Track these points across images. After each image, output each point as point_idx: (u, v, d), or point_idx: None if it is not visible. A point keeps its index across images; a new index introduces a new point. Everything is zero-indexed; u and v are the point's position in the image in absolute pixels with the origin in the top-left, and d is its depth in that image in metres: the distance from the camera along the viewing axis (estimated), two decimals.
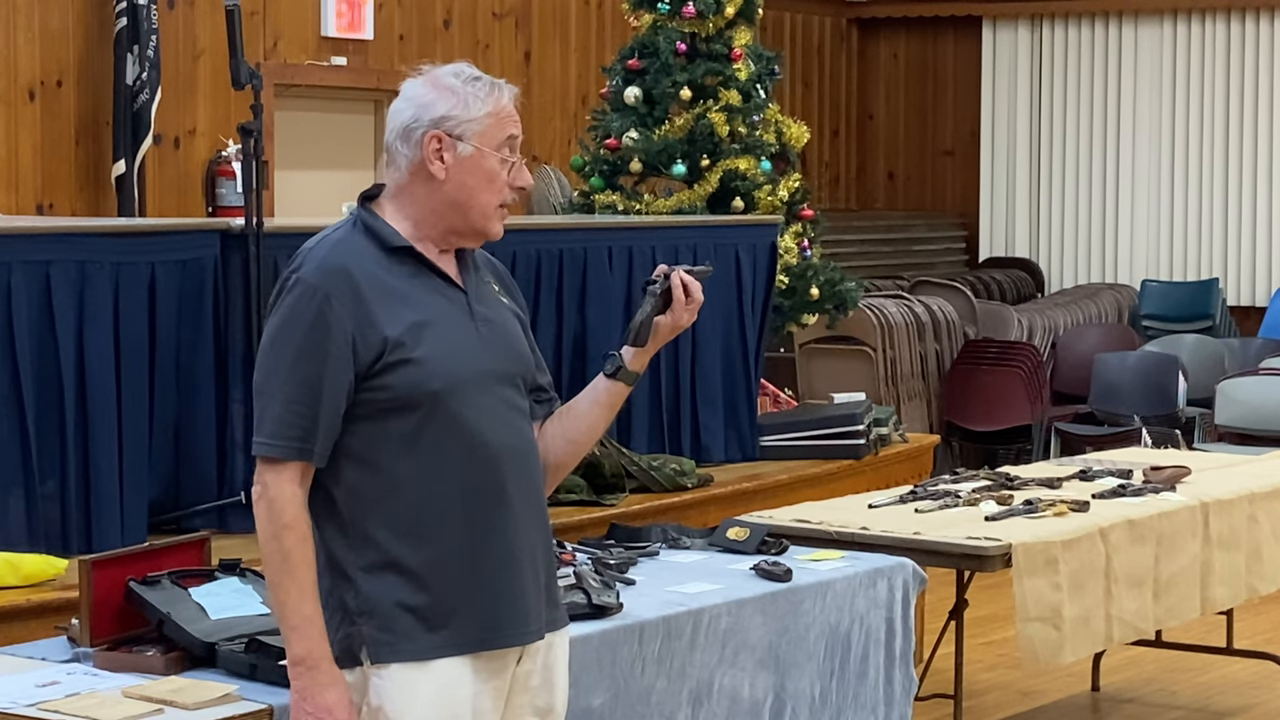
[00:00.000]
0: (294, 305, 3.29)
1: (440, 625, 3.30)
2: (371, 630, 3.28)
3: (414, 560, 3.29)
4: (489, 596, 3.33)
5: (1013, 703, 7.05)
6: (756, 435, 7.34)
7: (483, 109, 3.36)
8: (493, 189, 3.38)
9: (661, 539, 5.28)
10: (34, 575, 4.92)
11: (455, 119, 3.35)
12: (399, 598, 3.28)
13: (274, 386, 3.28)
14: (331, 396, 3.26)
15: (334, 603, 3.31)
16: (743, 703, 4.65)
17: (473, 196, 3.37)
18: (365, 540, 3.29)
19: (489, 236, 3.42)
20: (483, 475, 3.33)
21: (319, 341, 3.26)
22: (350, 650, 3.30)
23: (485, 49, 10.55)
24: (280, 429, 3.26)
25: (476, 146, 3.35)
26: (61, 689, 3.74)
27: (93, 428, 5.33)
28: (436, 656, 3.29)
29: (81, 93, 8.67)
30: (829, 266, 8.78)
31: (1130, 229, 13.24)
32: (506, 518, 3.35)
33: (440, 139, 3.34)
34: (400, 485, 3.29)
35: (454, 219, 3.38)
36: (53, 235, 5.50)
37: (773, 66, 8.77)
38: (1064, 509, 5.81)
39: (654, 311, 3.54)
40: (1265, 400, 10.36)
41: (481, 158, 3.36)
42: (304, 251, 3.35)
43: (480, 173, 3.36)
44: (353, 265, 3.30)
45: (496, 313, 3.45)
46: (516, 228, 6.54)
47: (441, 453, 3.30)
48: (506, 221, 3.48)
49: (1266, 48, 12.83)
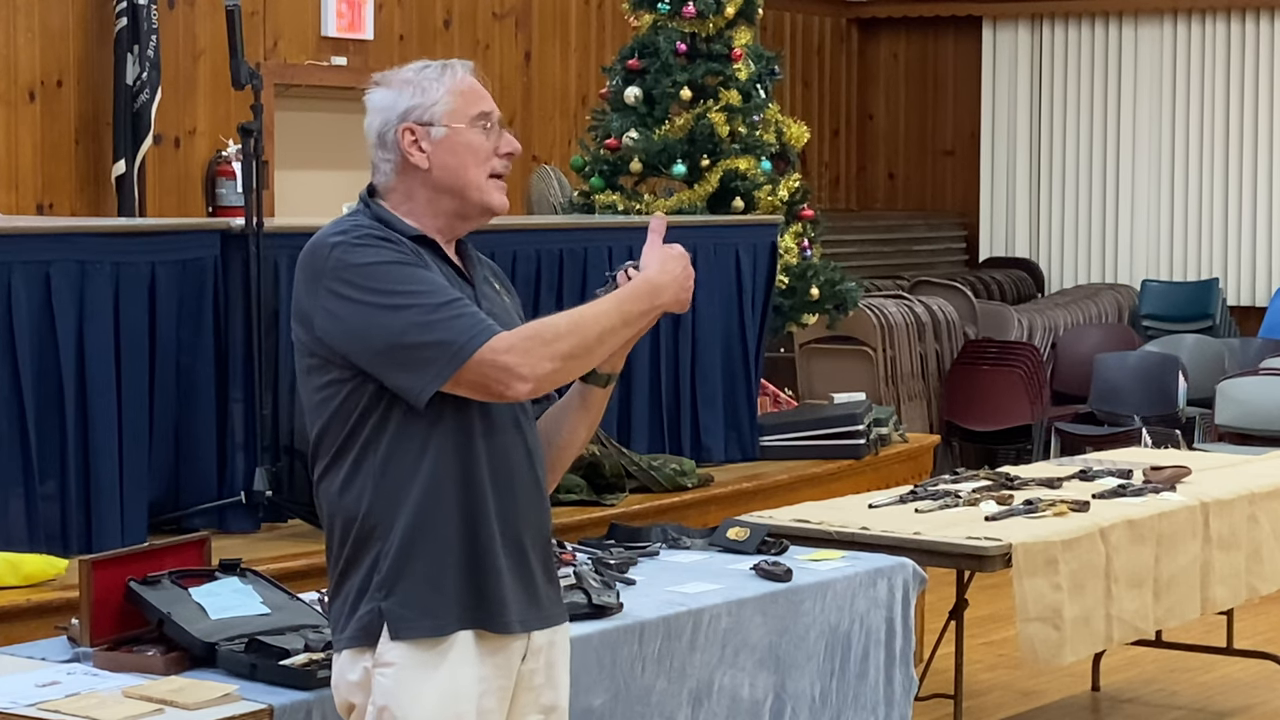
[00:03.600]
0: (356, 257, 3.25)
1: (455, 602, 3.30)
2: (392, 605, 3.28)
3: (430, 545, 3.29)
4: (502, 582, 3.34)
5: (1013, 703, 7.05)
6: (756, 435, 7.34)
7: (440, 89, 3.37)
8: (479, 160, 3.38)
9: (661, 539, 5.29)
10: (34, 575, 4.92)
11: (419, 106, 3.36)
12: (417, 573, 3.28)
13: (420, 309, 3.22)
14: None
15: (360, 578, 3.31)
16: (743, 703, 4.65)
17: (461, 174, 3.37)
18: (392, 516, 3.29)
19: (492, 209, 3.41)
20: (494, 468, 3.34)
21: (400, 260, 3.25)
22: (369, 628, 3.30)
23: (485, 49, 10.55)
24: (457, 334, 3.21)
25: (448, 125, 3.36)
26: (61, 689, 3.74)
27: (93, 428, 5.33)
28: (450, 632, 3.29)
29: (81, 93, 8.67)
30: (829, 266, 8.78)
31: (1130, 229, 13.24)
32: (516, 507, 3.37)
33: (412, 130, 3.35)
34: (417, 472, 3.29)
35: (450, 203, 3.38)
36: (53, 235, 5.50)
37: (773, 66, 8.77)
38: (1064, 509, 5.81)
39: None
40: (1265, 400, 10.36)
41: (457, 134, 3.36)
42: (320, 238, 3.33)
43: (460, 149, 3.37)
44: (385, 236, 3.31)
45: (500, 308, 3.45)
46: (516, 228, 6.54)
47: (456, 443, 3.31)
48: (506, 221, 3.47)
49: (1266, 48, 12.83)
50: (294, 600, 4.20)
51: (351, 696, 3.37)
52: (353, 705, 3.37)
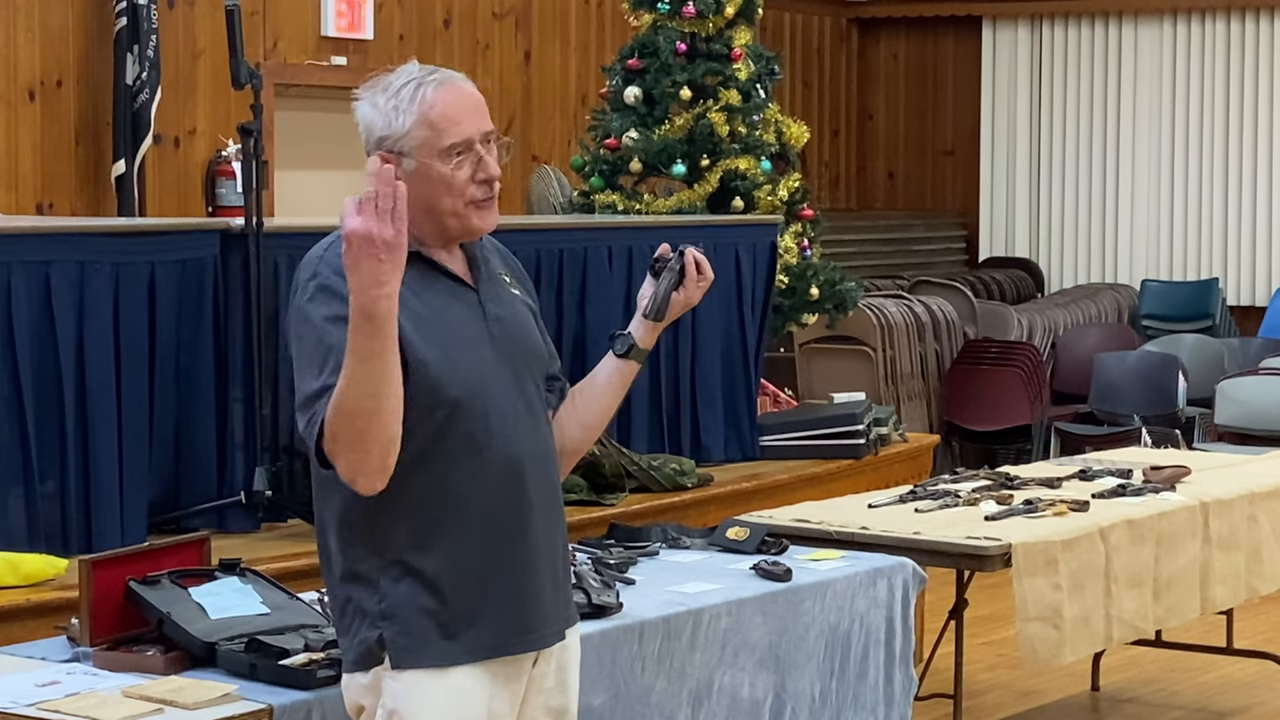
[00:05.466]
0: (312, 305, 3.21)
1: (460, 632, 3.28)
2: (394, 634, 3.26)
3: (434, 567, 3.26)
4: (508, 603, 3.32)
5: (1013, 703, 7.05)
6: (756, 435, 7.34)
7: (408, 121, 3.26)
8: (452, 193, 3.30)
9: (661, 539, 5.28)
10: (34, 575, 4.92)
11: (391, 137, 3.27)
12: (420, 603, 3.26)
13: (314, 385, 3.15)
14: None
15: (352, 609, 3.30)
16: (743, 703, 4.65)
17: (435, 204, 3.30)
18: (386, 545, 3.26)
19: (476, 232, 3.37)
20: (501, 482, 3.31)
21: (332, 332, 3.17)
22: (369, 653, 3.29)
23: (485, 49, 10.55)
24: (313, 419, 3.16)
25: (419, 160, 3.27)
26: (61, 689, 3.74)
27: (93, 428, 5.33)
28: (456, 663, 3.28)
29: (81, 93, 8.67)
30: (829, 266, 8.78)
31: (1130, 229, 13.24)
32: (525, 524, 3.34)
33: (386, 158, 3.24)
34: (419, 492, 3.25)
35: (431, 223, 3.33)
36: (53, 235, 5.50)
37: (773, 66, 8.77)
38: (1064, 509, 5.81)
39: (673, 286, 3.55)
40: (1265, 400, 10.36)
41: (427, 169, 3.27)
42: (315, 257, 3.29)
43: (431, 183, 3.28)
44: None
45: (509, 308, 3.42)
46: (516, 228, 6.55)
47: (459, 459, 3.27)
48: (506, 221, 3.45)
49: (1266, 48, 12.83)
50: (294, 600, 4.20)
51: (360, 698, 3.36)
52: (362, 707, 3.36)
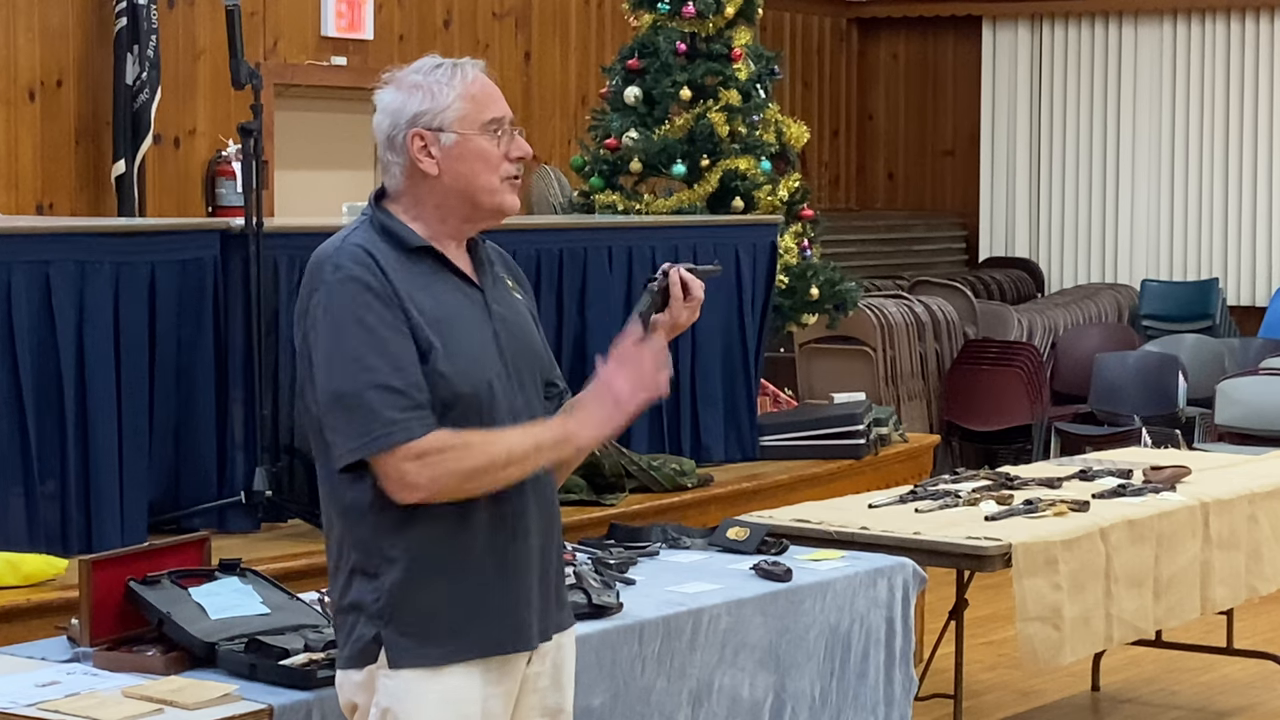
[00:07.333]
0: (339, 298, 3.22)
1: (455, 631, 3.29)
2: (391, 634, 3.27)
3: (434, 566, 3.27)
4: (504, 603, 3.33)
5: (1013, 703, 7.05)
6: (756, 435, 7.34)
7: (451, 94, 3.32)
8: (490, 167, 3.34)
9: (661, 539, 5.28)
10: (34, 575, 4.92)
11: (429, 112, 3.32)
12: (418, 602, 3.27)
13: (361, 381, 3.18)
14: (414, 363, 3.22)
15: (348, 604, 3.30)
16: (743, 703, 4.65)
17: (473, 181, 3.34)
18: (390, 543, 3.26)
19: (505, 212, 3.39)
20: None
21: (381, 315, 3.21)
22: (365, 651, 3.29)
23: (485, 49, 10.54)
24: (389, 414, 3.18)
25: (459, 132, 3.32)
26: (61, 689, 3.74)
27: (93, 428, 5.33)
28: (450, 663, 3.28)
29: (81, 93, 8.66)
30: (829, 266, 8.78)
31: (1130, 229, 13.24)
32: (523, 524, 3.35)
33: (422, 136, 3.31)
34: None
35: (463, 208, 3.35)
36: (53, 235, 5.50)
37: (773, 66, 8.77)
38: (1064, 509, 5.81)
39: (652, 308, 3.51)
40: (1265, 400, 10.35)
41: (467, 141, 3.32)
42: (324, 254, 3.30)
43: (471, 156, 3.33)
44: (382, 261, 3.26)
45: (512, 310, 3.43)
46: (516, 228, 6.55)
47: None
48: (506, 221, 3.47)
49: (1266, 48, 12.82)
50: (294, 600, 4.20)
51: (355, 696, 3.36)
52: (355, 705, 3.36)
